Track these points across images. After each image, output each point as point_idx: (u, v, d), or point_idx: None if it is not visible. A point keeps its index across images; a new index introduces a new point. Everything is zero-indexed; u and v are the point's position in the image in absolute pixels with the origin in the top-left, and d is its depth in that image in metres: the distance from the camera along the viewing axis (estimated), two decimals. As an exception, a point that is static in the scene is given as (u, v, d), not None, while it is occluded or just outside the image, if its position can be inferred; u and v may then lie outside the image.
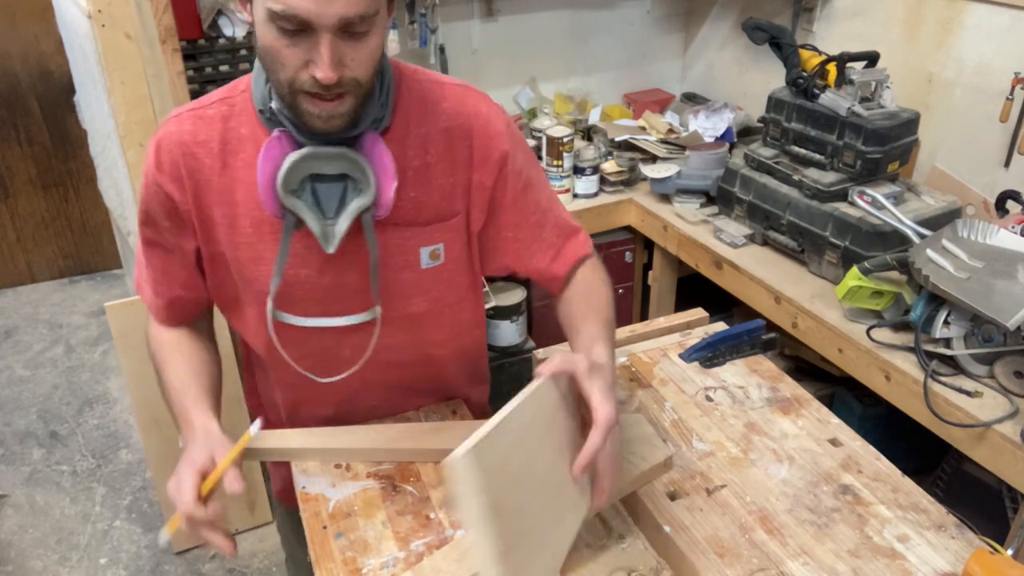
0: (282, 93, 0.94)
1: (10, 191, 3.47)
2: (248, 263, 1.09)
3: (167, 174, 1.04)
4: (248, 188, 1.04)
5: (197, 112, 1.05)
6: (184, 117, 1.05)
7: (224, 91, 1.07)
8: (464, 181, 1.11)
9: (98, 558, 2.28)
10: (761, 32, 2.05)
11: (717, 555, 1.01)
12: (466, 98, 1.11)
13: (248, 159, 1.03)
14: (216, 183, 1.05)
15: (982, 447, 1.46)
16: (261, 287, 1.09)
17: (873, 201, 1.79)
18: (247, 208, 1.05)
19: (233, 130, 1.04)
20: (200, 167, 1.04)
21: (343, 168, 0.99)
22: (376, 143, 1.00)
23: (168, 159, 1.04)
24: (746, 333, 1.44)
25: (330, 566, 1.02)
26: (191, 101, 1.08)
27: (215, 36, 2.21)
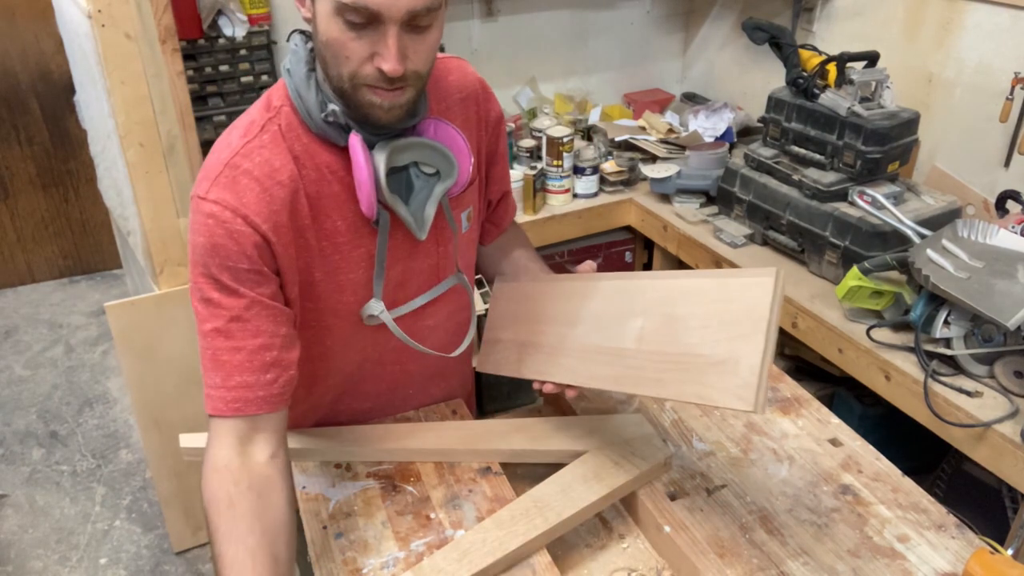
0: (343, 87, 0.95)
1: (10, 191, 3.46)
2: (324, 279, 1.06)
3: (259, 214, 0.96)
4: (314, 203, 1.02)
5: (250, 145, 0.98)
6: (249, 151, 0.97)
7: (262, 112, 1.01)
8: (476, 144, 1.19)
9: (98, 558, 2.28)
10: (761, 32, 2.04)
11: (717, 555, 1.01)
12: (464, 68, 1.20)
13: (309, 176, 1.01)
14: (302, 204, 1.00)
15: (982, 447, 1.46)
16: (342, 299, 1.08)
17: (873, 201, 1.79)
18: (325, 221, 1.03)
19: (291, 145, 1.00)
20: (288, 193, 0.99)
21: (418, 155, 1.03)
22: (442, 126, 1.06)
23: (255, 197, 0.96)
24: (746, 333, 1.43)
25: (330, 566, 1.02)
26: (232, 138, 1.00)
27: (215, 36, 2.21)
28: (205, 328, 0.97)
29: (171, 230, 1.92)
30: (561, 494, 1.07)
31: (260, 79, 2.31)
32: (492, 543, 0.99)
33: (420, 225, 1.06)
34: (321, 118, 0.99)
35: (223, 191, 0.95)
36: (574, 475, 1.10)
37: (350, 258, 1.07)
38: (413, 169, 1.05)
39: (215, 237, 0.95)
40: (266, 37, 2.30)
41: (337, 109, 0.98)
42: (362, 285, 1.09)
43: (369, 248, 1.08)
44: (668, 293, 1.00)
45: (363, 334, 1.15)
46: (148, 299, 1.96)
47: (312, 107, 1.00)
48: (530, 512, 1.04)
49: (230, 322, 0.96)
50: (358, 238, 1.07)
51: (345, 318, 1.12)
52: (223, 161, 0.98)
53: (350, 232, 1.06)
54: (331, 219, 1.04)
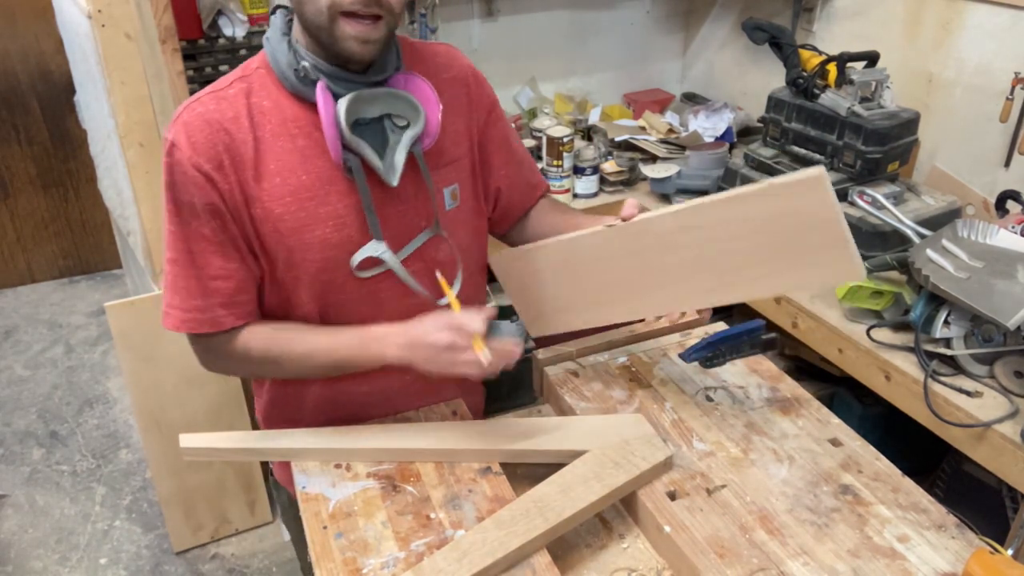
0: (320, 22, 1.00)
1: (10, 191, 3.47)
2: (291, 233, 1.09)
3: (203, 152, 1.04)
4: (280, 156, 1.07)
5: (217, 94, 1.07)
6: (205, 99, 1.06)
7: (236, 72, 1.10)
8: (465, 125, 1.22)
9: (98, 558, 2.28)
10: (761, 32, 2.05)
11: (717, 555, 1.01)
12: (453, 52, 1.25)
13: (275, 129, 1.07)
14: (250, 158, 1.06)
15: (982, 447, 1.46)
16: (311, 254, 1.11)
17: (873, 201, 1.79)
18: (283, 178, 1.07)
19: (256, 105, 1.07)
20: (234, 143, 1.06)
21: (388, 106, 1.07)
22: (412, 78, 1.10)
23: (203, 138, 1.04)
24: (746, 333, 1.43)
25: (330, 566, 1.02)
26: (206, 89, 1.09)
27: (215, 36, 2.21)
28: (167, 255, 1.09)
29: (171, 230, 1.92)
30: (561, 494, 1.07)
31: (260, 79, 2.31)
32: (492, 543, 0.99)
33: (388, 171, 1.08)
34: (292, 73, 1.06)
35: (179, 133, 1.04)
36: (574, 475, 1.10)
37: (316, 215, 1.09)
38: (387, 122, 1.09)
39: (172, 174, 1.05)
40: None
41: (307, 64, 1.05)
42: (332, 244, 1.11)
43: (336, 206, 1.10)
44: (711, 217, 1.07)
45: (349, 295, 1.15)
46: (148, 299, 1.96)
47: (284, 66, 1.06)
48: (530, 512, 1.04)
49: (184, 253, 1.07)
50: (324, 194, 1.09)
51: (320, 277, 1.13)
52: (184, 105, 1.07)
53: (316, 187, 1.08)
54: (295, 174, 1.08)
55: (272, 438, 1.20)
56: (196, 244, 1.07)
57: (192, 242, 1.07)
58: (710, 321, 1.55)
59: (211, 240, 1.07)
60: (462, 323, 1.06)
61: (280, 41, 1.08)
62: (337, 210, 1.10)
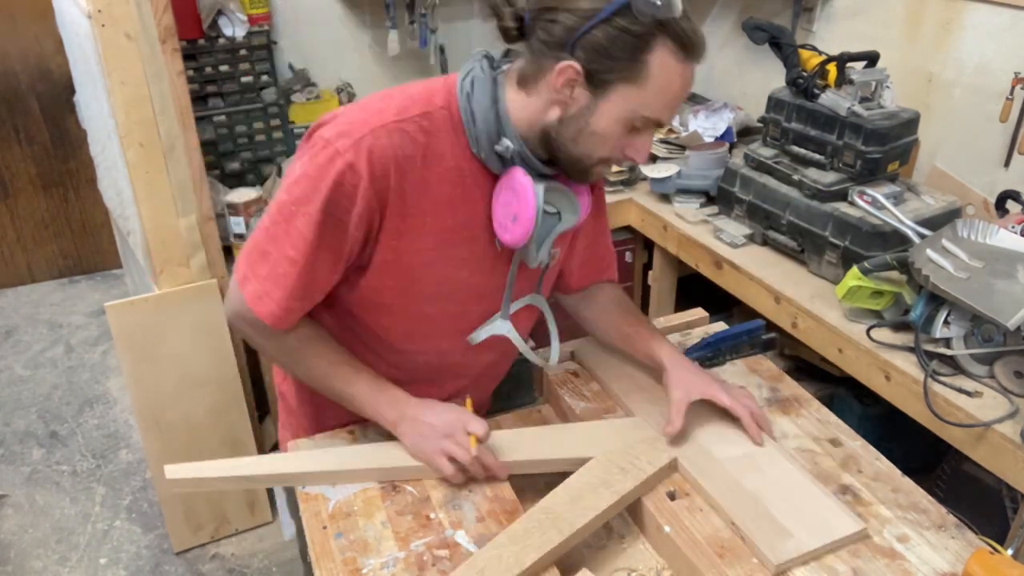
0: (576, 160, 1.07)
1: (10, 191, 3.46)
2: (421, 267, 1.12)
3: (377, 185, 1.04)
4: (435, 199, 1.09)
5: (400, 125, 1.05)
6: (391, 129, 1.05)
7: (420, 105, 1.07)
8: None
9: (98, 558, 2.28)
10: (761, 32, 2.04)
11: (717, 555, 1.01)
12: None
13: (442, 174, 1.08)
14: (412, 195, 1.08)
15: (982, 447, 1.46)
16: (427, 288, 1.15)
17: (873, 201, 1.79)
18: (433, 218, 1.10)
19: (433, 146, 1.07)
20: (404, 181, 1.06)
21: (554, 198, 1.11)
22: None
23: (380, 171, 1.04)
24: (746, 333, 1.44)
25: (330, 566, 1.02)
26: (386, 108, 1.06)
27: (215, 36, 2.21)
28: (288, 252, 1.06)
29: (171, 230, 1.92)
30: (571, 504, 1.06)
31: (260, 79, 2.31)
32: (508, 559, 0.98)
33: (532, 257, 1.14)
34: (489, 148, 1.07)
35: (360, 158, 1.03)
36: (582, 483, 1.10)
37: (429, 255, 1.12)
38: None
39: (336, 191, 1.03)
40: (266, 37, 2.30)
41: (511, 147, 1.06)
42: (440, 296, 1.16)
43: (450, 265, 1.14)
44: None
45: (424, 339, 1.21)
46: (148, 299, 1.96)
47: (483, 135, 1.07)
48: (543, 524, 1.03)
49: (308, 257, 1.06)
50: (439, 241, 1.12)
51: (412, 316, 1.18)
52: (371, 126, 1.04)
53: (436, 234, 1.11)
54: (443, 217, 1.10)
55: (262, 464, 1.19)
56: (324, 254, 1.08)
57: (321, 251, 1.07)
58: (710, 321, 1.56)
59: (337, 255, 1.09)
60: (469, 420, 1.13)
61: (488, 109, 1.07)
62: (468, 262, 1.15)
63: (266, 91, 2.33)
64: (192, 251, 1.96)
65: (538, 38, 1.02)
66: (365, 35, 2.55)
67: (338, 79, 2.56)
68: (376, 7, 2.51)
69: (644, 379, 1.32)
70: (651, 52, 0.98)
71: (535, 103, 1.05)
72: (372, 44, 2.57)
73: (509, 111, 1.07)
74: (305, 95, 2.43)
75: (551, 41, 1.01)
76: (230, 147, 2.32)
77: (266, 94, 2.33)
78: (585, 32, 0.98)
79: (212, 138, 2.26)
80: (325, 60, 2.52)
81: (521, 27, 1.04)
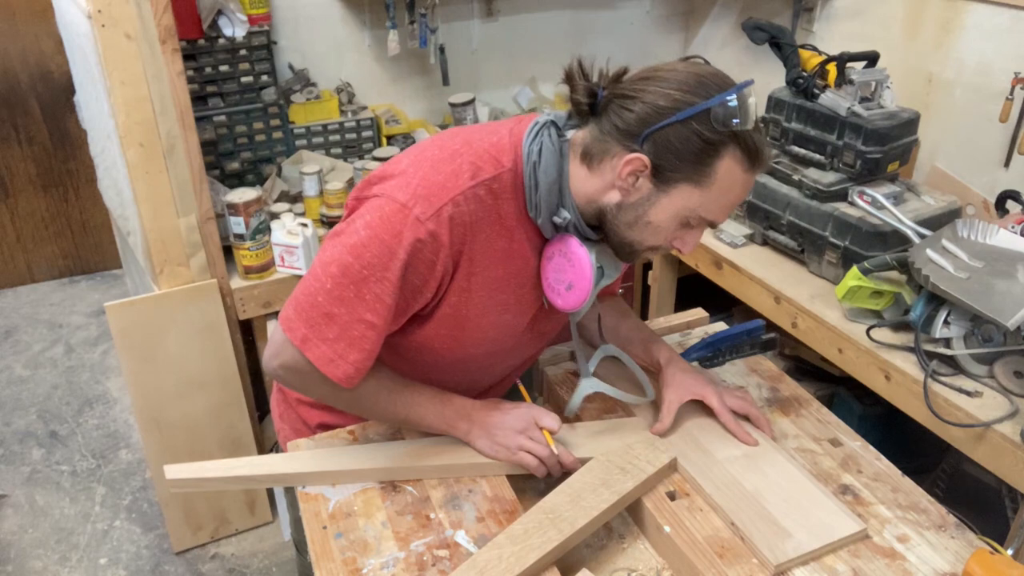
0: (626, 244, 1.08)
1: (10, 191, 3.46)
2: (474, 317, 1.13)
3: (454, 250, 1.06)
4: (493, 254, 1.10)
5: (475, 191, 1.05)
6: (468, 196, 1.05)
7: (491, 167, 1.07)
8: None
9: (98, 558, 2.28)
10: (761, 32, 2.04)
11: (717, 555, 1.01)
12: None
13: (502, 231, 1.10)
14: (479, 255, 1.09)
15: (982, 447, 1.46)
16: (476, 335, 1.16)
17: (873, 201, 1.79)
18: (489, 269, 1.11)
19: (498, 207, 1.08)
20: (475, 243, 1.08)
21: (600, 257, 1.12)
22: None
23: (459, 238, 1.05)
24: (746, 333, 1.44)
25: (330, 566, 1.02)
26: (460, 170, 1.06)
27: (215, 36, 2.21)
28: (364, 316, 1.05)
29: (171, 230, 1.92)
30: (572, 504, 1.06)
31: (260, 79, 2.31)
32: (508, 559, 0.98)
33: (579, 313, 1.16)
34: (548, 216, 1.08)
35: (441, 226, 1.03)
36: (583, 483, 1.10)
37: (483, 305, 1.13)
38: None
39: (417, 259, 1.03)
40: (266, 37, 2.30)
41: (569, 217, 1.07)
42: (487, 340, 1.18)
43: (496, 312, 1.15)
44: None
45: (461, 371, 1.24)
46: (148, 299, 1.96)
47: (543, 204, 1.08)
48: (543, 524, 1.03)
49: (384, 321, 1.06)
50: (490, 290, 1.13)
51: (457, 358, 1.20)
52: (450, 194, 1.03)
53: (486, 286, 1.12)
54: (495, 268, 1.12)
55: (262, 464, 1.19)
56: (397, 318, 1.08)
57: (395, 314, 1.07)
58: (710, 321, 1.56)
59: (405, 313, 1.10)
60: (540, 415, 1.15)
61: (554, 182, 1.07)
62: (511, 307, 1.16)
63: (266, 91, 2.33)
64: (192, 251, 1.96)
65: (610, 120, 1.02)
66: (365, 35, 2.55)
67: (338, 79, 2.56)
68: (376, 7, 2.51)
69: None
70: (720, 159, 0.99)
71: (596, 182, 1.06)
72: (372, 44, 2.57)
73: (574, 190, 1.08)
74: (305, 95, 2.43)
75: (623, 128, 1.01)
76: (230, 147, 2.32)
77: (266, 94, 2.33)
78: (659, 128, 0.98)
79: (212, 138, 2.26)
80: (325, 60, 2.52)
81: (593, 103, 1.05)
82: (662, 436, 1.20)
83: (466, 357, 1.20)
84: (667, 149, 0.99)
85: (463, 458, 1.16)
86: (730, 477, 1.12)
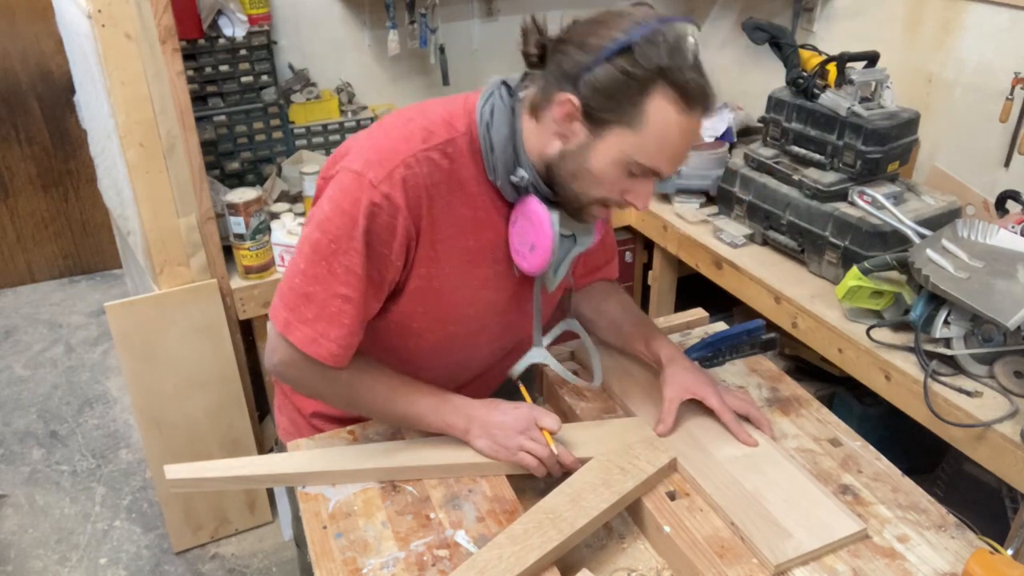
0: (572, 197, 1.06)
1: (10, 191, 3.46)
2: (448, 291, 1.13)
3: (413, 213, 1.05)
4: (460, 223, 1.10)
5: (428, 153, 1.06)
6: (420, 158, 1.05)
7: (444, 130, 1.08)
8: None
9: (98, 558, 2.28)
10: (761, 32, 2.04)
11: (717, 555, 1.01)
12: None
13: (465, 199, 1.10)
14: (441, 221, 1.09)
15: (982, 447, 1.46)
16: (453, 311, 1.15)
17: (873, 201, 1.79)
18: (456, 241, 1.11)
19: (456, 172, 1.08)
20: (434, 208, 1.07)
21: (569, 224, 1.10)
22: None
23: (415, 200, 1.05)
24: (746, 333, 1.44)
25: (330, 566, 1.02)
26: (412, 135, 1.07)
27: (215, 36, 2.21)
28: (338, 290, 1.06)
29: (171, 230, 1.92)
30: (572, 504, 1.06)
31: (260, 79, 2.31)
32: (508, 559, 0.98)
33: (551, 281, 1.15)
34: (505, 177, 1.08)
35: (395, 188, 1.03)
36: (583, 483, 1.10)
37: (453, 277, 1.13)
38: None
39: (376, 223, 1.04)
40: (266, 37, 2.30)
41: (526, 176, 1.06)
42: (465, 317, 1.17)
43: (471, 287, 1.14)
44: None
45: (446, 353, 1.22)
46: (148, 299, 1.96)
47: (500, 164, 1.08)
48: (543, 524, 1.03)
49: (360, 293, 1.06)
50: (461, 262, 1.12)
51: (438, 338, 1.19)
52: (401, 156, 1.04)
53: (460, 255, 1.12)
54: (464, 238, 1.11)
55: (262, 464, 1.19)
56: (371, 288, 1.08)
57: (369, 285, 1.08)
58: (710, 321, 1.56)
59: (380, 287, 1.10)
60: (540, 415, 1.15)
61: (507, 139, 1.07)
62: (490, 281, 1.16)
63: (266, 91, 2.33)
64: (192, 251, 1.96)
65: (552, 68, 1.03)
66: (365, 35, 2.55)
67: (338, 79, 2.56)
68: (376, 7, 2.51)
69: (644, 379, 1.32)
70: (649, 98, 0.97)
71: (542, 134, 1.06)
72: (372, 44, 2.57)
73: (528, 147, 1.07)
74: (305, 95, 2.43)
75: (560, 73, 1.01)
76: (230, 147, 2.32)
77: (266, 94, 2.33)
78: (590, 69, 0.98)
79: (212, 138, 2.26)
80: (325, 60, 2.51)
81: (543, 55, 1.04)
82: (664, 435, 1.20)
83: (447, 337, 1.19)
84: (597, 91, 0.98)
85: (463, 458, 1.16)
86: (730, 477, 1.12)
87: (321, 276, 1.06)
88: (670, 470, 1.15)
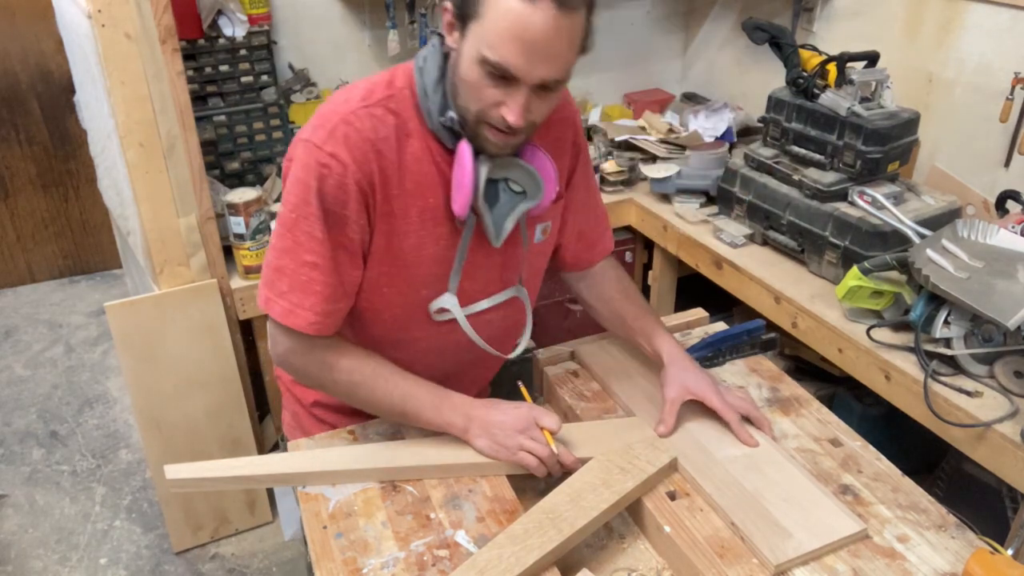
0: (467, 118, 1.06)
1: (10, 191, 3.46)
2: (411, 250, 1.14)
3: (363, 169, 1.07)
4: (415, 178, 1.11)
5: (370, 111, 1.08)
6: (360, 115, 1.07)
7: (383, 88, 1.10)
8: (565, 166, 1.27)
9: (98, 558, 2.28)
10: (761, 32, 2.04)
11: (717, 555, 1.01)
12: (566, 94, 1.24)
13: (415, 153, 1.11)
14: (393, 176, 1.10)
15: (982, 447, 1.46)
16: (419, 272, 1.16)
17: (873, 201, 1.79)
18: (414, 198, 1.12)
19: (402, 126, 1.10)
20: (383, 162, 1.09)
21: (511, 173, 1.12)
22: (538, 153, 1.13)
23: (361, 155, 1.07)
24: (746, 333, 1.44)
25: (330, 566, 1.02)
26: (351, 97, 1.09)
27: (215, 36, 2.21)
28: (305, 258, 1.08)
29: (171, 230, 1.92)
30: (572, 504, 1.06)
31: (260, 79, 2.31)
32: (508, 559, 0.98)
33: (497, 233, 1.15)
34: (439, 120, 1.08)
35: (337, 145, 1.05)
36: (583, 483, 1.10)
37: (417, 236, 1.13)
38: (502, 183, 1.14)
39: (325, 184, 1.06)
40: (266, 37, 2.30)
41: (455, 116, 1.07)
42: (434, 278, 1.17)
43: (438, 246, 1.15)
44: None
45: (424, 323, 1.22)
46: (148, 299, 1.96)
47: (434, 108, 1.09)
48: (543, 525, 1.03)
49: (328, 259, 1.08)
50: (423, 220, 1.13)
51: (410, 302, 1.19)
52: (340, 116, 1.07)
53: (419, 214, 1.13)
54: (424, 197, 1.12)
55: (262, 464, 1.19)
56: (340, 252, 1.10)
57: (337, 249, 1.09)
58: (710, 321, 1.56)
59: (350, 251, 1.11)
60: (540, 415, 1.15)
61: (436, 86, 1.09)
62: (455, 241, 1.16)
63: (266, 91, 2.33)
64: (192, 251, 1.96)
65: None
66: (365, 35, 2.55)
67: (338, 79, 2.56)
68: (376, 7, 2.51)
69: (644, 379, 1.32)
70: None
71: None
72: (372, 44, 2.57)
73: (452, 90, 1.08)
74: (305, 95, 2.43)
75: None
76: (230, 147, 2.32)
77: (266, 94, 2.33)
78: None
79: (212, 138, 2.26)
80: (325, 60, 2.51)
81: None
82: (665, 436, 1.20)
83: (420, 301, 1.19)
84: None
85: (463, 458, 1.16)
86: (730, 477, 1.12)
87: (288, 248, 1.09)
88: (670, 470, 1.15)
